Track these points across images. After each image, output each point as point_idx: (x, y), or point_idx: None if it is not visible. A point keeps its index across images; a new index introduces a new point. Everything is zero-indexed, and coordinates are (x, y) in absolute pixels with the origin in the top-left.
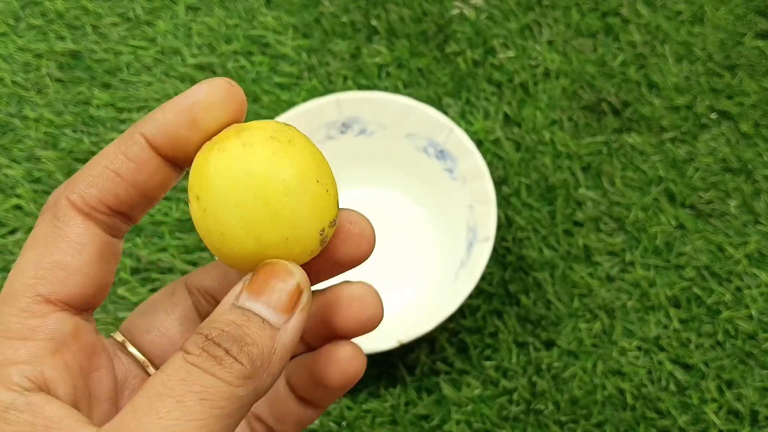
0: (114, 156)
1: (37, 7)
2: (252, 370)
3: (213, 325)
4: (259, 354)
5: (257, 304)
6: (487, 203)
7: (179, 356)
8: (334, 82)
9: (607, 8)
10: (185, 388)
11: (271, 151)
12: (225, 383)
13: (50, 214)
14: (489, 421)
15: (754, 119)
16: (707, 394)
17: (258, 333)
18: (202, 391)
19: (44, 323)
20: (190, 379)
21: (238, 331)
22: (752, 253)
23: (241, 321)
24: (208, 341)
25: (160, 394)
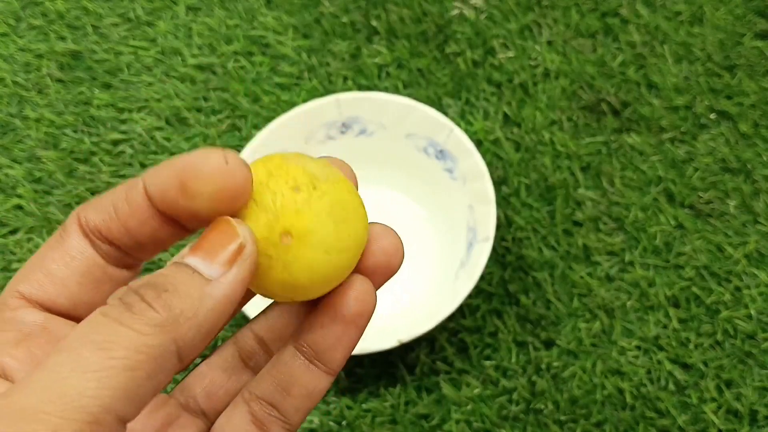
0: (120, 193)
1: (37, 8)
2: (167, 318)
3: (143, 278)
4: (180, 302)
5: (193, 258)
6: (486, 203)
7: (96, 309)
8: (334, 83)
9: (607, 8)
10: (84, 339)
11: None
12: (132, 331)
13: (63, 225)
14: (489, 420)
15: (753, 119)
16: (706, 393)
17: (184, 281)
18: (101, 341)
19: (15, 316)
20: (91, 329)
21: (161, 279)
22: (751, 252)
23: (169, 272)
24: (128, 290)
25: (60, 348)
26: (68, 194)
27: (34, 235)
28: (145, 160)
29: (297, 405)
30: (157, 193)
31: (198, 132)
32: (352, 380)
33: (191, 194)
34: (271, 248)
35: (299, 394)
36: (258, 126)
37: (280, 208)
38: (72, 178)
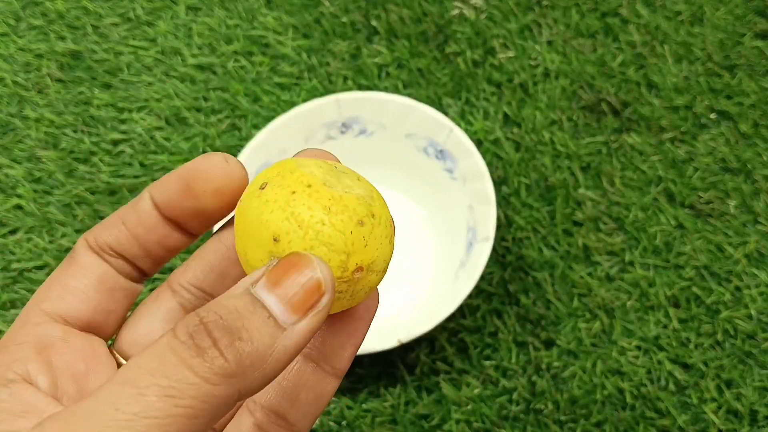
0: (127, 208)
1: (37, 8)
2: (237, 369)
3: (214, 308)
4: (252, 352)
5: (270, 296)
6: (486, 203)
7: (164, 338)
8: (334, 83)
9: (607, 8)
10: (152, 380)
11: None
12: (200, 379)
13: (71, 252)
14: (489, 420)
15: (754, 119)
16: (706, 393)
17: (259, 328)
18: (168, 386)
19: (36, 330)
20: (160, 369)
21: (236, 322)
22: (751, 252)
23: (245, 310)
24: (199, 326)
25: (125, 381)
26: (68, 194)
27: (33, 235)
28: (144, 159)
29: (305, 411)
30: (163, 200)
31: (198, 132)
32: (352, 380)
33: (196, 193)
34: (344, 285)
35: (306, 400)
36: (258, 126)
37: (351, 247)
38: (72, 178)
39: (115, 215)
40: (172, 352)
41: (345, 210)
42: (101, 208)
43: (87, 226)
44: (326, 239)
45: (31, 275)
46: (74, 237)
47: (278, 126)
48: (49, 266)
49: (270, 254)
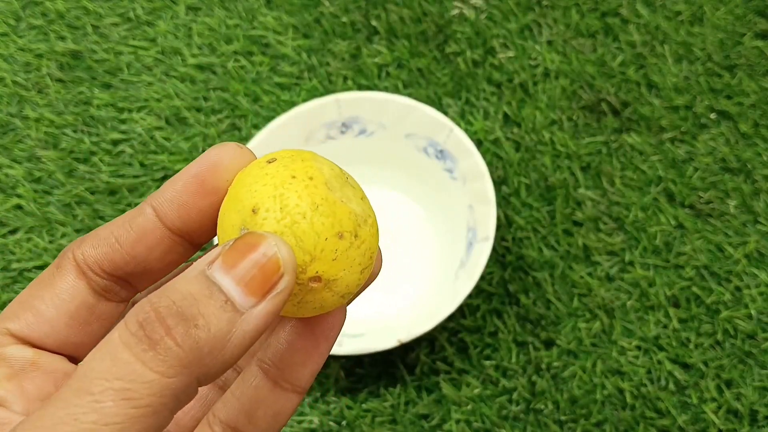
0: (121, 223)
1: (37, 8)
2: (194, 358)
3: (167, 293)
4: (209, 339)
5: (227, 277)
6: (486, 203)
7: (115, 333)
8: (334, 82)
9: (607, 8)
10: (105, 384)
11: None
12: (156, 374)
13: (56, 262)
14: (489, 420)
15: (754, 119)
16: (706, 393)
17: (215, 314)
18: (123, 389)
19: (4, 352)
20: (113, 370)
21: (191, 308)
22: (751, 252)
23: (201, 294)
24: (150, 314)
25: (80, 389)
26: (68, 194)
27: (33, 234)
28: (144, 159)
29: (263, 428)
30: (171, 208)
31: (198, 132)
32: (352, 380)
33: (215, 187)
34: (296, 287)
35: (265, 417)
36: (258, 126)
37: (319, 253)
38: (72, 178)
39: (106, 230)
40: (124, 347)
41: (331, 215)
42: (101, 208)
43: (87, 226)
44: (299, 233)
45: (31, 275)
46: (74, 237)
47: (278, 126)
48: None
49: (242, 223)
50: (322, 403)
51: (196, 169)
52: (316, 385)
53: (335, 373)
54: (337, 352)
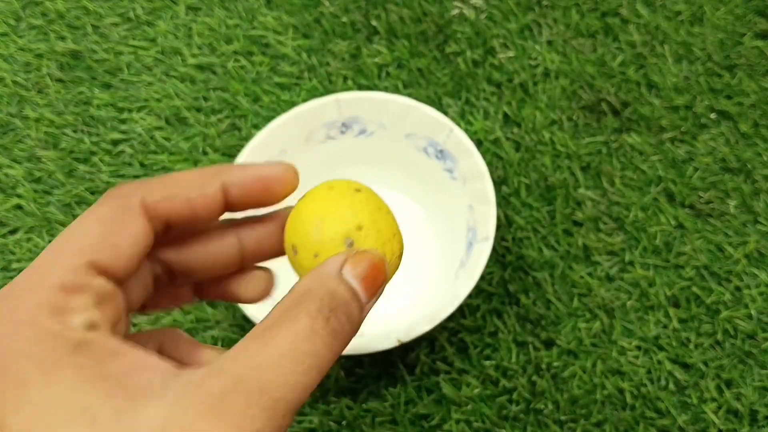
0: (194, 184)
1: (37, 7)
2: (347, 344)
3: (327, 293)
4: (355, 330)
5: (359, 284)
6: (486, 203)
7: (305, 319)
8: (334, 82)
9: (607, 8)
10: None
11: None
12: (334, 354)
13: (121, 204)
14: (489, 420)
15: (754, 119)
16: (706, 393)
17: (356, 313)
18: (318, 361)
19: (92, 282)
20: (306, 346)
21: (348, 308)
22: (751, 252)
23: (351, 299)
24: (330, 312)
25: (289, 353)
26: (68, 194)
27: (33, 234)
28: (144, 159)
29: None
30: (239, 192)
31: (198, 132)
32: (352, 380)
33: (273, 196)
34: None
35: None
36: (258, 126)
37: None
38: (72, 178)
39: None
40: (317, 333)
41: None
42: None
43: None
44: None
45: None
46: None
47: (278, 126)
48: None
49: (347, 234)
50: (322, 404)
51: (267, 173)
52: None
53: (335, 373)
54: None
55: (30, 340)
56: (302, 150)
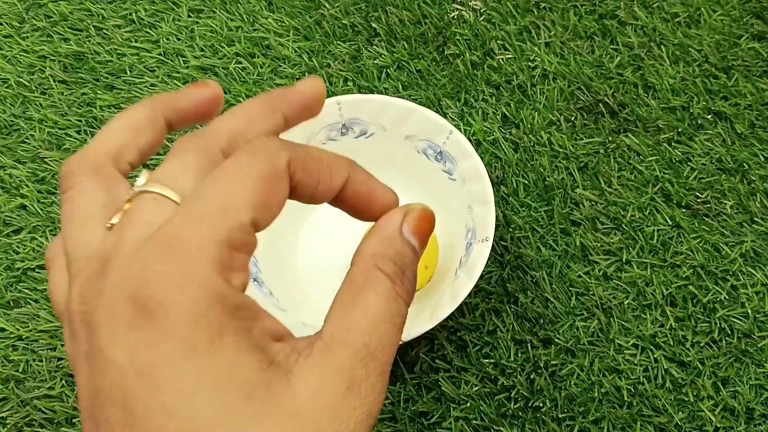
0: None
1: (41, 9)
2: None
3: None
4: (416, 285)
5: (416, 240)
6: (485, 204)
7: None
8: (335, 84)
9: (605, 10)
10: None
11: None
12: (406, 306)
13: (272, 163)
14: (487, 418)
15: (750, 120)
16: (703, 391)
17: (417, 271)
18: (403, 319)
19: (250, 241)
20: (394, 306)
21: (411, 266)
22: (747, 252)
23: (413, 257)
24: (403, 276)
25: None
26: None
27: (37, 234)
28: (147, 160)
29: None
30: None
31: None
32: None
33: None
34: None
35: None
36: None
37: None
38: None
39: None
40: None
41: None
42: None
43: None
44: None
45: (35, 274)
46: None
47: None
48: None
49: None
50: None
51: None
52: None
53: None
54: None
55: (201, 300)
56: None
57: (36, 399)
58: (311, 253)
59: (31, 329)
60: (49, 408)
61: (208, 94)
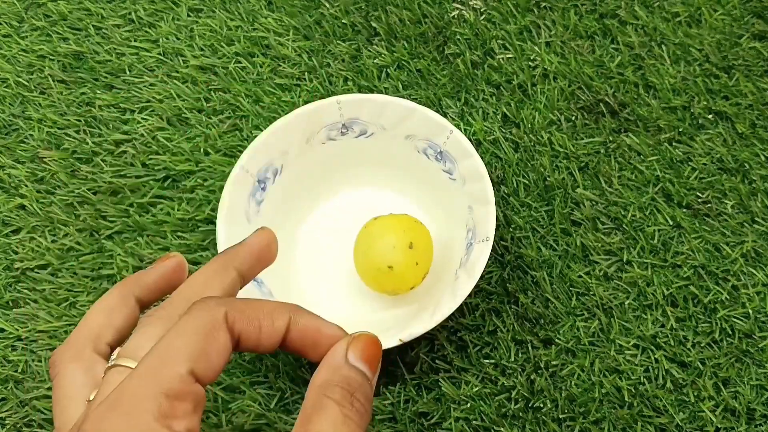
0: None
1: (40, 9)
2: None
3: (343, 379)
4: (371, 406)
5: (363, 365)
6: (486, 204)
7: (335, 406)
8: (335, 83)
9: (605, 10)
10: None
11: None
12: (362, 429)
13: (211, 317)
14: (488, 418)
15: (751, 120)
16: (704, 392)
17: (369, 390)
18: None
19: (192, 389)
20: (344, 429)
21: (364, 391)
22: (748, 252)
23: (363, 382)
24: (352, 398)
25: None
26: (70, 194)
27: (36, 234)
28: (146, 160)
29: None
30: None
31: (199, 132)
32: None
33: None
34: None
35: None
36: (259, 126)
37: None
38: (74, 178)
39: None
40: (348, 418)
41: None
42: (103, 208)
43: (89, 225)
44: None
45: (34, 275)
46: (77, 236)
47: (279, 127)
48: (52, 266)
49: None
50: None
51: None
52: None
53: None
54: None
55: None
56: (303, 151)
57: (35, 399)
58: (311, 254)
59: (30, 329)
60: (48, 408)
61: (171, 264)
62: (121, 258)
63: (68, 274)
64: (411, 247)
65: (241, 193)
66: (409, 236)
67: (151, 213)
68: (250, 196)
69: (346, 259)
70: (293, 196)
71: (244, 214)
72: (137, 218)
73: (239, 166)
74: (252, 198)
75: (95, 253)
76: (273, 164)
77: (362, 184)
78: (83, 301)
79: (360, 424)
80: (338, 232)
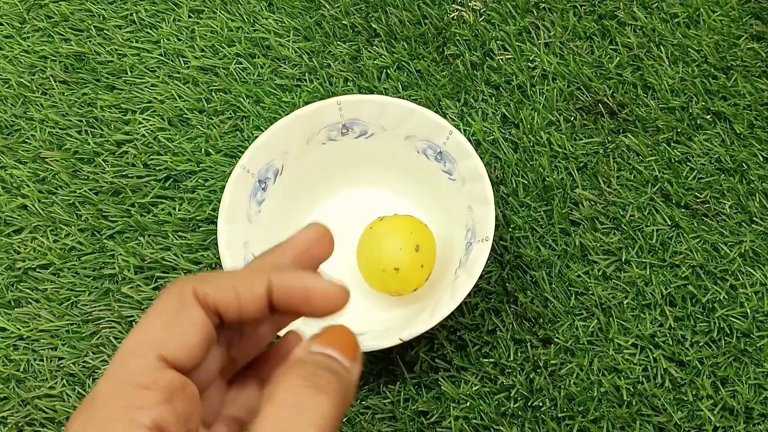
0: (243, 281)
1: (42, 10)
2: (347, 397)
3: (309, 360)
4: (342, 383)
5: (333, 351)
6: (485, 204)
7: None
8: (335, 84)
9: (604, 11)
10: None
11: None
12: (333, 406)
13: (177, 296)
14: (487, 417)
15: (749, 120)
16: (702, 391)
17: (341, 372)
18: (312, 414)
19: (162, 377)
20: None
21: (331, 369)
22: (746, 252)
23: (327, 361)
24: (315, 373)
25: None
26: (72, 194)
27: (38, 234)
28: (147, 160)
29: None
30: (282, 295)
31: (200, 133)
32: None
33: (313, 309)
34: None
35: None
36: (260, 127)
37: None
38: (76, 179)
39: (227, 281)
40: (313, 391)
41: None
42: (105, 208)
43: (91, 225)
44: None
45: (36, 274)
46: (78, 236)
47: (280, 127)
48: (54, 265)
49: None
50: None
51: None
52: None
53: None
54: None
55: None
56: (304, 151)
57: (37, 398)
58: None
59: (32, 329)
60: (50, 407)
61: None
62: (122, 258)
63: (70, 273)
64: (417, 250)
65: (242, 193)
66: (416, 238)
67: (152, 213)
68: (251, 196)
69: (346, 258)
70: (294, 196)
71: (245, 213)
72: (139, 218)
73: (240, 167)
74: (253, 198)
75: (97, 252)
76: (274, 164)
77: (362, 184)
78: (85, 300)
79: (332, 398)
80: (339, 231)
